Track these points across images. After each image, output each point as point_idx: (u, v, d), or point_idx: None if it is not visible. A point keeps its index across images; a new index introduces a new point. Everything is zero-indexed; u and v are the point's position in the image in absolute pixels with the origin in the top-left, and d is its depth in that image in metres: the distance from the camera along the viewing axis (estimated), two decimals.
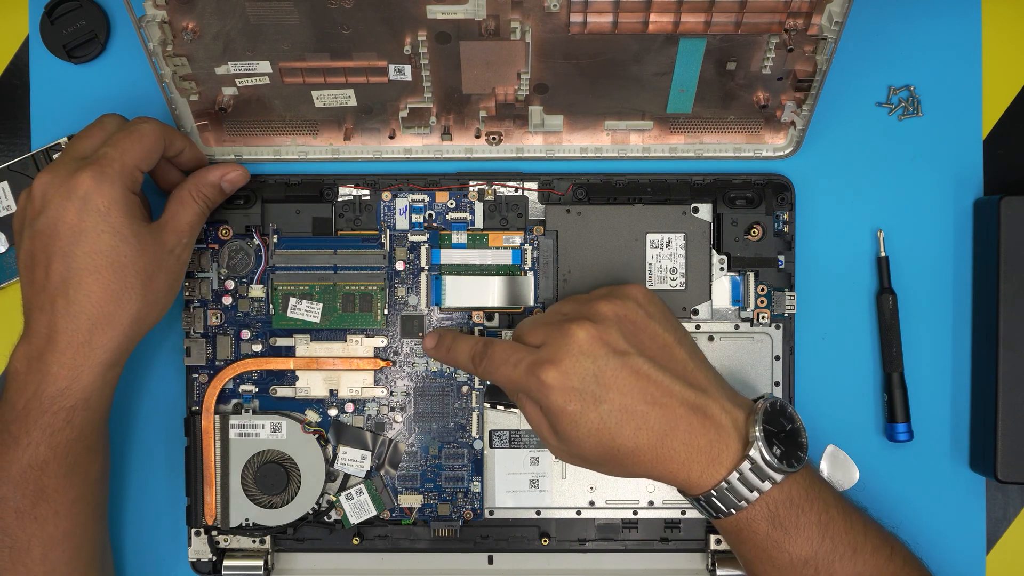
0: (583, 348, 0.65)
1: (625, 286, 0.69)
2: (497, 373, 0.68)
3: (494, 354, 0.68)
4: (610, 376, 0.64)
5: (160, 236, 0.68)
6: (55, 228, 0.65)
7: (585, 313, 0.67)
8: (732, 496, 0.64)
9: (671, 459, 0.64)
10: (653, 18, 0.65)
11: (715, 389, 0.67)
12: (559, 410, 0.65)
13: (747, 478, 0.64)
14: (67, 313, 0.65)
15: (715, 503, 0.65)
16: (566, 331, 0.65)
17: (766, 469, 0.64)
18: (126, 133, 0.68)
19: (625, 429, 0.64)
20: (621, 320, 0.66)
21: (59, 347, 0.65)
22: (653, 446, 0.64)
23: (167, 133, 0.69)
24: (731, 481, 0.64)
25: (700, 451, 0.64)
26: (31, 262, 0.66)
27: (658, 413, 0.64)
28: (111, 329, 0.66)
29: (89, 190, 0.65)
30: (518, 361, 0.66)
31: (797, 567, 0.65)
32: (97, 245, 0.65)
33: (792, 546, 0.65)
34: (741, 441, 0.65)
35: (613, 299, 0.67)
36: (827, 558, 0.65)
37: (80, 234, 0.65)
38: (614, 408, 0.64)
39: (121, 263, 0.66)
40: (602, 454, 0.65)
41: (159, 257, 0.68)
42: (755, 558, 0.66)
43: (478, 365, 0.69)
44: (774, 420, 0.66)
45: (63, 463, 0.67)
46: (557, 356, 0.65)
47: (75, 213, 0.65)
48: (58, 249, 0.65)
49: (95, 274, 0.65)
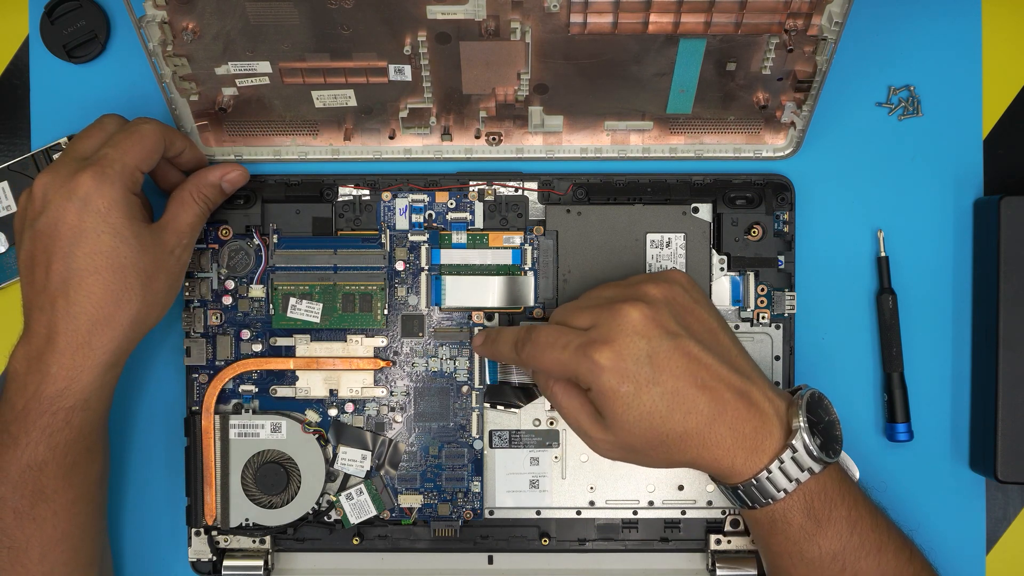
0: (637, 328, 0.64)
1: (668, 271, 0.69)
2: (543, 357, 0.66)
3: (539, 337, 0.67)
4: (663, 357, 0.64)
5: (160, 237, 0.68)
6: (55, 229, 0.65)
7: (635, 295, 0.66)
8: (771, 486, 0.64)
9: (717, 445, 0.64)
10: (653, 18, 0.65)
11: (758, 376, 0.67)
12: (612, 391, 0.64)
13: (787, 468, 0.64)
14: (67, 314, 0.65)
15: (753, 492, 0.65)
16: (618, 311, 0.65)
17: (807, 459, 0.64)
18: (126, 134, 0.68)
19: (676, 413, 0.64)
20: (671, 302, 0.66)
21: (59, 347, 0.65)
22: (701, 431, 0.64)
23: (167, 134, 0.69)
24: (772, 470, 0.64)
25: (745, 438, 0.64)
26: (31, 262, 0.66)
27: (708, 397, 0.64)
28: (111, 330, 0.66)
29: (90, 191, 0.65)
30: (567, 343, 0.65)
31: (826, 562, 0.65)
32: (97, 246, 0.65)
33: (823, 539, 0.65)
34: (784, 430, 0.65)
35: (660, 282, 0.67)
36: (854, 554, 0.65)
37: (80, 235, 0.65)
38: (666, 391, 0.64)
39: (121, 264, 0.66)
40: (650, 439, 0.65)
41: (159, 258, 0.68)
42: (784, 551, 0.66)
43: (521, 351, 0.68)
44: (814, 411, 0.66)
45: (62, 463, 0.67)
46: (610, 336, 0.64)
47: (75, 214, 0.65)
48: (58, 250, 0.65)
49: (95, 275, 0.65)
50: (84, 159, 0.67)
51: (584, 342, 0.64)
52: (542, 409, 0.76)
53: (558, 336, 0.66)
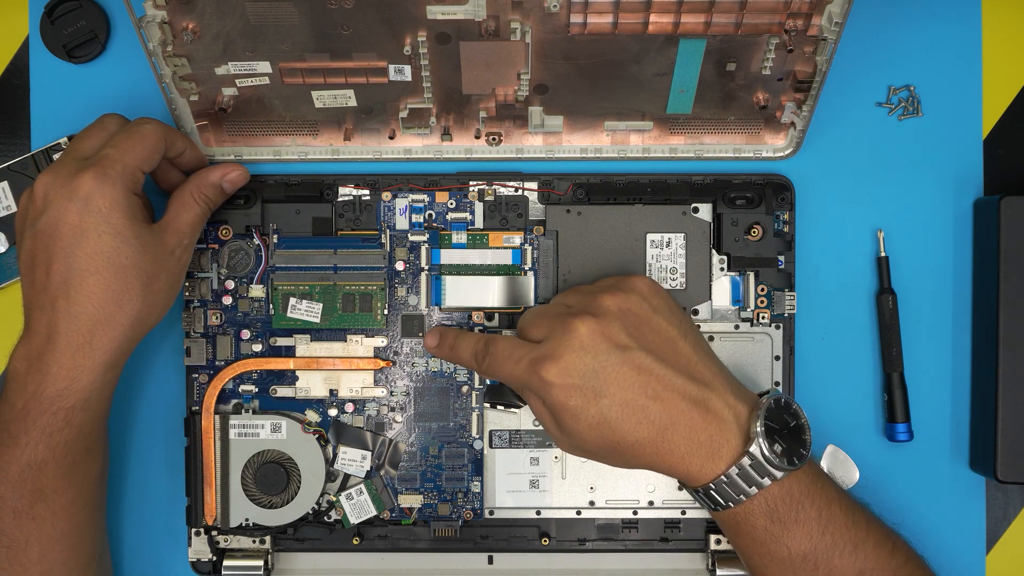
0: (584, 343, 0.65)
1: (630, 278, 0.69)
2: (500, 370, 0.68)
3: (496, 351, 0.68)
4: (611, 371, 0.64)
5: (161, 237, 0.68)
6: (56, 229, 0.65)
7: (588, 307, 0.67)
8: (731, 490, 0.65)
9: (671, 452, 0.65)
10: (653, 19, 0.65)
11: (719, 383, 0.66)
12: (560, 406, 0.65)
13: (747, 473, 0.64)
14: (68, 314, 0.65)
15: (713, 496, 0.65)
16: (568, 326, 0.65)
17: (766, 465, 0.64)
18: (127, 134, 0.68)
19: (626, 423, 0.64)
20: (624, 314, 0.66)
21: (59, 347, 0.65)
22: (653, 440, 0.65)
23: (168, 134, 0.69)
24: (730, 475, 0.64)
25: (701, 445, 0.64)
26: (32, 262, 0.66)
27: (659, 407, 0.64)
28: (111, 330, 0.66)
29: (91, 191, 0.65)
30: (520, 358, 0.67)
31: (795, 562, 0.65)
32: (98, 246, 0.65)
33: (791, 541, 0.65)
34: (743, 436, 0.65)
35: (617, 292, 0.67)
36: (827, 553, 0.65)
37: (81, 235, 0.65)
38: (614, 403, 0.64)
39: (122, 264, 0.66)
40: (603, 446, 0.66)
41: (160, 258, 0.68)
42: (753, 552, 0.66)
43: (481, 363, 0.70)
44: (777, 417, 0.65)
45: (62, 463, 0.67)
46: (558, 352, 0.65)
47: (77, 214, 0.65)
48: (59, 250, 0.65)
49: (96, 275, 0.65)
50: (85, 159, 0.67)
51: (534, 358, 0.66)
52: None
53: (512, 351, 0.67)
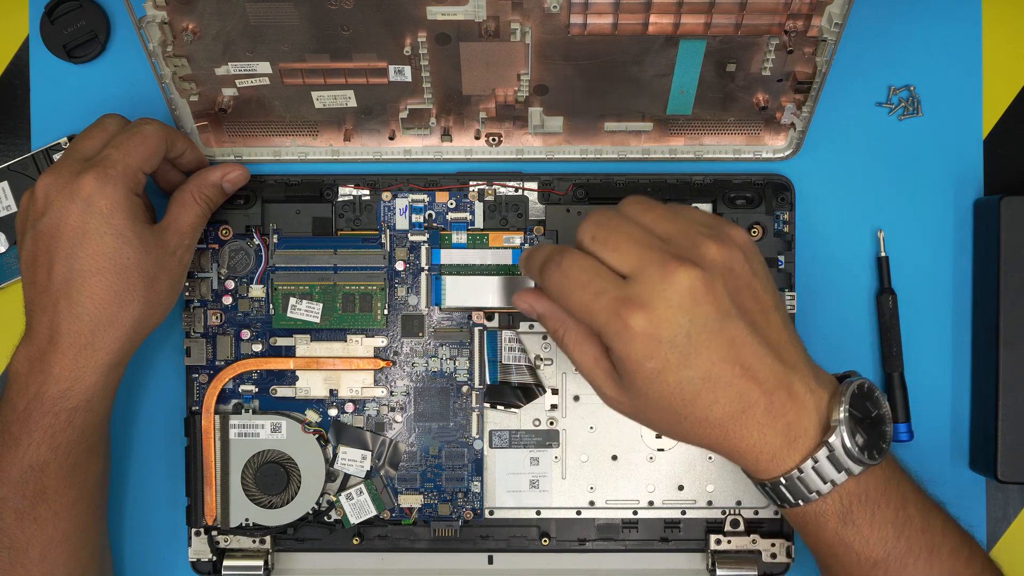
0: (683, 300, 0.57)
1: (728, 226, 0.61)
2: (569, 295, 0.59)
3: (570, 270, 0.59)
4: (704, 339, 0.57)
5: (162, 238, 0.69)
6: (58, 229, 0.65)
7: (690, 253, 0.58)
8: (802, 486, 0.58)
9: (742, 438, 0.58)
10: (653, 20, 0.65)
11: (803, 364, 0.60)
12: (636, 363, 0.58)
13: (822, 467, 0.58)
14: (69, 314, 0.65)
15: (782, 492, 0.59)
16: (668, 271, 0.57)
17: (844, 459, 0.58)
18: (128, 135, 0.68)
19: (702, 398, 0.58)
20: (728, 272, 0.59)
21: (61, 348, 0.65)
22: (725, 422, 0.58)
23: (169, 134, 0.69)
24: (804, 469, 0.58)
25: (777, 433, 0.58)
26: (33, 263, 0.66)
27: (742, 386, 0.58)
28: (114, 330, 0.66)
29: (92, 192, 0.65)
30: (600, 291, 0.58)
31: (865, 568, 0.60)
32: (100, 247, 0.65)
33: (863, 547, 0.59)
34: (822, 425, 0.58)
35: (721, 243, 0.59)
36: (900, 560, 0.59)
37: (83, 236, 0.65)
38: (697, 375, 0.57)
39: (124, 265, 0.66)
40: (667, 417, 0.59)
41: (161, 259, 0.68)
42: (822, 553, 0.61)
43: (545, 273, 0.60)
44: (859, 405, 0.59)
45: (64, 464, 0.67)
46: (652, 300, 0.57)
47: (78, 215, 0.65)
48: (61, 250, 0.65)
49: (98, 276, 0.65)
50: (86, 160, 0.67)
51: (620, 297, 0.57)
52: (542, 409, 0.76)
53: (592, 278, 0.58)
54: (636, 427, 0.76)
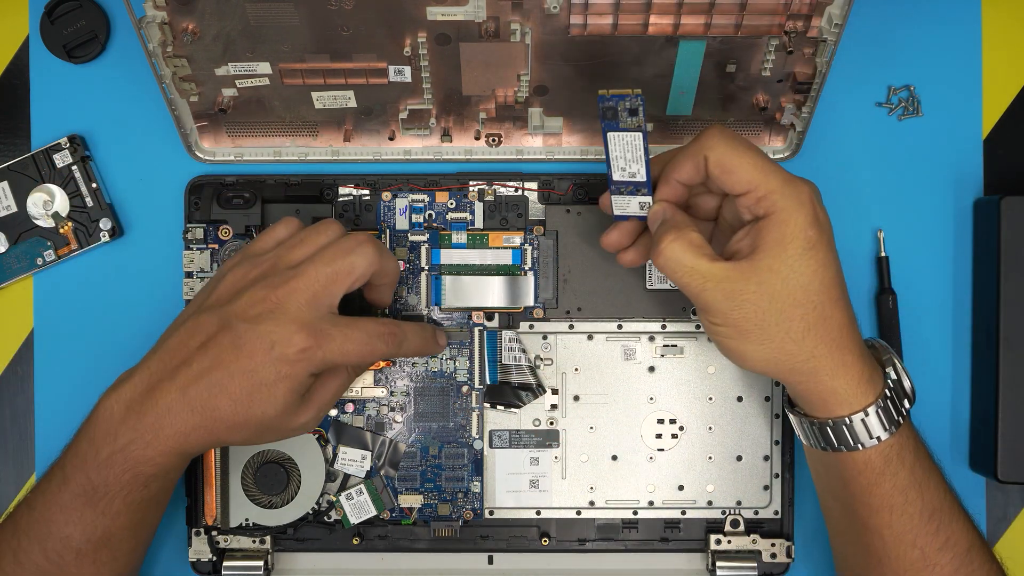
0: (808, 207, 0.61)
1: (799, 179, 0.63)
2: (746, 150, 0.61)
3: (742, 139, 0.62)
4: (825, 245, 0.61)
5: (305, 410, 0.65)
6: (240, 344, 0.62)
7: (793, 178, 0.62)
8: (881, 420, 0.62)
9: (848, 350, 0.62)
10: (653, 20, 0.65)
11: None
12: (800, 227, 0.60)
13: (888, 409, 0.62)
14: (184, 397, 0.63)
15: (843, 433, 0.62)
16: (794, 179, 0.61)
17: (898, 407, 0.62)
18: (335, 272, 0.64)
19: (833, 292, 0.61)
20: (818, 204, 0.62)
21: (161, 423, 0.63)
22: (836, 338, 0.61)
23: (382, 262, 0.66)
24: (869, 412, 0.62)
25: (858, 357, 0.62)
26: (194, 334, 0.63)
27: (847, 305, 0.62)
28: (208, 437, 0.64)
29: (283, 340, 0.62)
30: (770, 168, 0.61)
31: (925, 516, 0.63)
32: (249, 387, 0.62)
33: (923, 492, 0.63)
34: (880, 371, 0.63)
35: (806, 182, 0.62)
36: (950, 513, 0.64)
37: (247, 372, 0.62)
38: (836, 265, 0.62)
39: (253, 416, 0.63)
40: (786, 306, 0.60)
41: (288, 428, 0.65)
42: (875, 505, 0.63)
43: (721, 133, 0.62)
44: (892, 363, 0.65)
45: (133, 518, 0.65)
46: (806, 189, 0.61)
47: (263, 353, 0.62)
48: (222, 355, 0.62)
49: (228, 400, 0.62)
50: (291, 268, 0.64)
51: (792, 179, 0.61)
52: (542, 409, 0.76)
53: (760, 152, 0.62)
54: (636, 427, 0.76)
